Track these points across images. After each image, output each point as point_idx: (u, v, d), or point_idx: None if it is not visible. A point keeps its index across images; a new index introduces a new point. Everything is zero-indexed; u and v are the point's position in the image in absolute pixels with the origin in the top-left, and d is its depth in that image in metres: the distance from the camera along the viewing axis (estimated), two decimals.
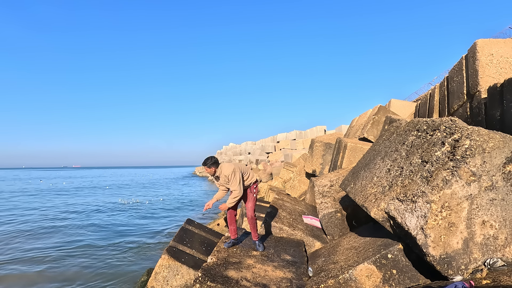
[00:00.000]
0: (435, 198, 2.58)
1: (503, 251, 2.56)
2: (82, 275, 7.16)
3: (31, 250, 9.18)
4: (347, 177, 4.32)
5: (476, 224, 2.56)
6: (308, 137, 36.39)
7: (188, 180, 51.74)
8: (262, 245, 4.03)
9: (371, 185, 3.44)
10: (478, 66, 5.49)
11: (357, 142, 7.88)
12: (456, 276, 2.49)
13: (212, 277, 3.03)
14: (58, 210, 17.34)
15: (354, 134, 11.08)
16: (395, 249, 2.90)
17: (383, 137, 4.19)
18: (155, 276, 4.45)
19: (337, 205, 4.86)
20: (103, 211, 16.72)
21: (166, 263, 4.48)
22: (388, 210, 2.90)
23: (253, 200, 4.15)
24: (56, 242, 10.14)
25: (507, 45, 5.48)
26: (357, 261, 3.05)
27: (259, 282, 3.07)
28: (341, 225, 4.66)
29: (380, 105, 9.79)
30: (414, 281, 2.82)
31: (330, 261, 3.54)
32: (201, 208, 18.26)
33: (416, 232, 2.59)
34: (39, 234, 11.35)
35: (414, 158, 3.10)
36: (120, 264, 7.94)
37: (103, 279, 6.92)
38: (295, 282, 3.13)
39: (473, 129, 2.80)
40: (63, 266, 7.82)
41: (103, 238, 10.74)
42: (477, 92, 5.50)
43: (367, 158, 4.14)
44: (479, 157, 2.58)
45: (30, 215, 15.57)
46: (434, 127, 3.18)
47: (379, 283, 2.85)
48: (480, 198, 2.58)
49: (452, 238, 2.52)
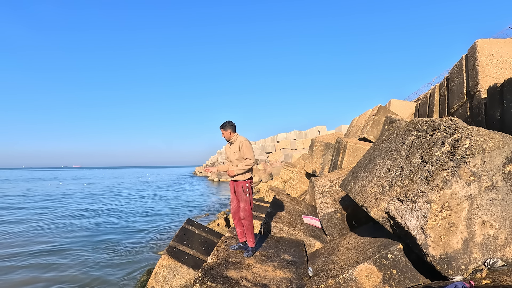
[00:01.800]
0: (435, 198, 2.58)
1: (503, 251, 2.56)
2: (82, 275, 7.17)
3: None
4: (347, 177, 4.32)
5: (476, 224, 2.56)
6: (308, 137, 36.41)
7: (190, 179, 51.86)
8: (251, 252, 3.72)
9: (371, 185, 3.44)
10: (478, 66, 5.49)
11: (357, 142, 7.88)
12: (456, 276, 2.49)
13: (212, 277, 3.03)
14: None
15: (354, 134, 11.08)
16: (395, 249, 2.90)
17: (383, 137, 4.19)
18: (155, 276, 4.45)
19: (337, 205, 4.86)
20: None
21: (166, 263, 4.48)
22: (388, 210, 2.90)
23: (245, 200, 3.74)
24: (57, 239, 10.16)
25: (507, 45, 5.49)
26: (357, 261, 3.05)
27: (259, 282, 3.07)
28: (341, 225, 4.66)
29: (380, 105, 9.80)
30: (414, 281, 2.82)
31: (330, 261, 3.54)
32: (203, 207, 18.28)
33: (416, 232, 2.59)
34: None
35: (414, 158, 3.10)
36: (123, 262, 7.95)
37: (103, 278, 6.93)
38: (295, 282, 3.13)
39: (473, 129, 2.80)
40: (63, 266, 7.83)
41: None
42: (477, 92, 5.50)
43: (367, 158, 4.14)
44: (479, 157, 2.58)
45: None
46: (434, 127, 3.18)
47: (379, 283, 2.85)
48: (480, 198, 2.58)
49: (452, 238, 2.52)
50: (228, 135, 3.80)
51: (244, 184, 3.79)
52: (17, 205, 19.72)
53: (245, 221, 3.76)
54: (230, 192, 3.97)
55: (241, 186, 3.79)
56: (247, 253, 3.70)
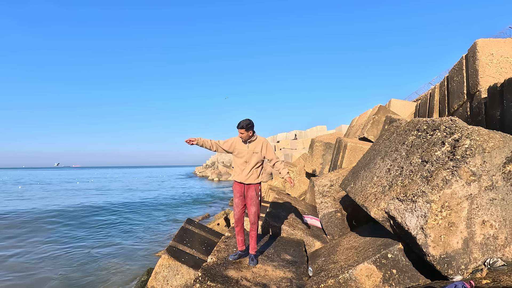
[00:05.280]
0: (435, 198, 2.58)
1: (503, 251, 2.56)
2: (82, 275, 7.16)
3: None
4: (347, 176, 4.32)
5: (476, 224, 2.56)
6: (308, 137, 36.39)
7: (190, 179, 51.93)
8: (256, 260, 3.54)
9: (371, 184, 3.44)
10: (478, 65, 5.49)
11: (357, 141, 7.88)
12: (456, 276, 2.49)
13: (212, 277, 3.03)
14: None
15: (354, 134, 11.08)
16: (395, 249, 2.90)
17: (383, 136, 4.19)
18: (155, 276, 4.45)
19: (337, 204, 4.86)
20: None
21: (166, 262, 4.48)
22: (388, 210, 2.90)
23: (257, 204, 3.57)
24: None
25: (507, 44, 5.48)
26: (357, 261, 3.05)
27: (259, 282, 3.07)
28: (341, 225, 4.66)
29: (380, 105, 9.79)
30: (414, 281, 2.82)
31: (330, 260, 3.54)
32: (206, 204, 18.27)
33: (416, 231, 2.59)
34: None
35: (414, 158, 3.10)
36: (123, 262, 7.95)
37: (104, 278, 6.93)
38: (295, 282, 3.13)
39: (473, 129, 2.80)
40: (61, 264, 7.83)
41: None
42: (477, 92, 5.50)
43: (367, 158, 4.14)
44: (479, 157, 2.58)
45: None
46: (434, 126, 3.18)
47: (379, 282, 2.85)
48: (480, 198, 2.57)
49: (452, 238, 2.52)
50: (247, 137, 3.50)
51: (257, 187, 3.57)
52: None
53: (255, 225, 3.56)
54: (235, 196, 3.61)
55: (254, 189, 3.55)
56: (252, 262, 3.49)
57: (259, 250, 3.93)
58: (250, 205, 3.55)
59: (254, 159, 3.53)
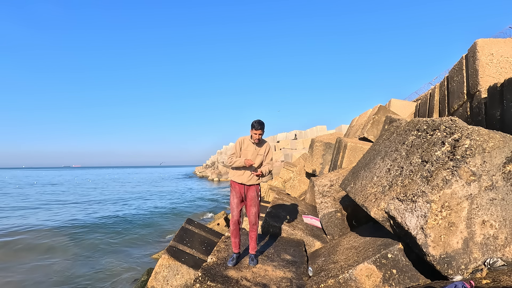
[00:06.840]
0: (435, 198, 2.58)
1: (503, 250, 2.56)
2: (82, 274, 7.16)
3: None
4: (347, 176, 4.32)
5: (476, 224, 2.56)
6: (308, 137, 36.38)
7: (191, 180, 52.03)
8: (256, 260, 3.54)
9: (371, 184, 3.43)
10: (478, 65, 5.49)
11: (357, 141, 7.88)
12: (456, 276, 2.49)
13: (212, 277, 3.03)
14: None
15: (354, 134, 11.08)
16: (395, 249, 2.90)
17: (383, 136, 4.19)
18: (155, 276, 4.45)
19: (337, 204, 4.86)
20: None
21: (166, 262, 4.48)
22: (388, 210, 2.90)
23: (257, 204, 3.56)
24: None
25: (507, 44, 5.48)
26: (357, 261, 3.05)
27: (259, 282, 3.07)
28: (341, 225, 4.66)
29: (380, 105, 9.79)
30: (414, 280, 2.82)
31: (330, 260, 3.54)
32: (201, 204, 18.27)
33: (416, 231, 2.59)
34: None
35: (414, 157, 3.10)
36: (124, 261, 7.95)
37: (104, 278, 6.93)
38: (295, 282, 3.13)
39: (473, 129, 2.80)
40: (59, 263, 7.83)
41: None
42: (477, 92, 5.50)
43: (367, 158, 4.14)
44: (479, 157, 2.58)
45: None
46: (434, 126, 3.18)
47: (379, 282, 2.85)
48: (480, 198, 2.58)
49: (452, 238, 2.52)
50: (259, 136, 3.51)
51: (257, 187, 3.58)
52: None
53: (255, 226, 3.55)
54: (233, 197, 3.56)
55: (255, 190, 3.56)
56: (252, 262, 3.48)
57: (259, 250, 3.92)
58: (251, 206, 3.55)
59: (258, 161, 3.60)
